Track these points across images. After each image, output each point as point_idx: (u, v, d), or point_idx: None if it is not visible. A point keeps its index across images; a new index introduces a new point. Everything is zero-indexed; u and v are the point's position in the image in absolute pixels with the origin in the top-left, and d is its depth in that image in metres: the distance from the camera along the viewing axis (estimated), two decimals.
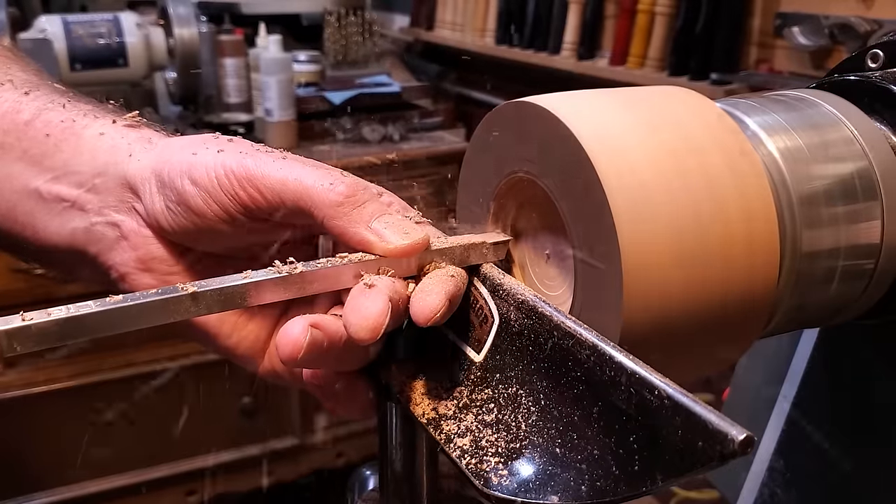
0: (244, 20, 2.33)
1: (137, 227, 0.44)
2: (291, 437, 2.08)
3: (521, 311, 0.38)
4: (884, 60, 0.50)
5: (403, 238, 0.39)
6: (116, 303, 0.35)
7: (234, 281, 0.37)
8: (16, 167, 0.44)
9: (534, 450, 0.35)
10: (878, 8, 1.38)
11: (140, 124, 0.45)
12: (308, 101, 2.14)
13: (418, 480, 0.44)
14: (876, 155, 0.45)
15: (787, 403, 0.57)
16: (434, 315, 0.37)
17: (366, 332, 0.36)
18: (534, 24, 2.08)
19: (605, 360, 0.33)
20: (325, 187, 0.39)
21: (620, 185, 0.36)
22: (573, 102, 0.39)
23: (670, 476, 0.30)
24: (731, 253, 0.38)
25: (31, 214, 0.44)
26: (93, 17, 1.93)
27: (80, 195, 0.44)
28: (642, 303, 0.36)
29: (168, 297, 0.35)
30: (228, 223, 0.41)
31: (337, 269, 0.38)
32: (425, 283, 0.39)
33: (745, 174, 0.39)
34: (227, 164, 0.41)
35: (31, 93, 0.46)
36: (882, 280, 0.45)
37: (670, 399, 0.30)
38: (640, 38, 1.77)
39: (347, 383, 0.43)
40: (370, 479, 0.53)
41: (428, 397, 0.40)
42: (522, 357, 0.37)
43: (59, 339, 0.34)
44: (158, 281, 0.43)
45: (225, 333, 0.45)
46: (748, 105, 0.45)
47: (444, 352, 0.41)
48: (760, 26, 1.59)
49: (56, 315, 0.34)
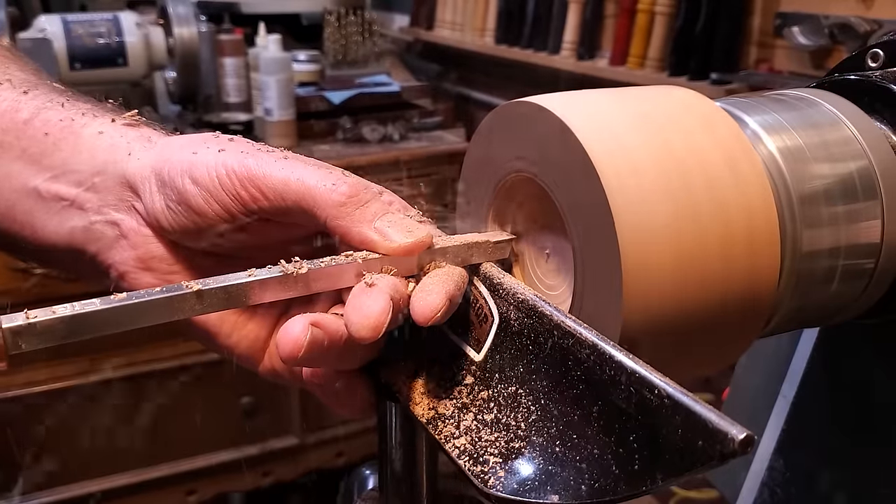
0: (244, 20, 2.33)
1: (137, 225, 0.43)
2: (291, 436, 2.08)
3: (521, 310, 0.38)
4: (884, 60, 0.50)
5: (407, 237, 0.39)
6: (121, 301, 0.35)
7: (239, 279, 0.37)
8: (14, 166, 0.44)
9: (533, 449, 0.35)
10: (878, 8, 1.38)
11: (139, 123, 0.45)
12: (308, 101, 2.14)
13: (418, 480, 0.44)
14: (876, 154, 0.45)
15: (786, 403, 0.57)
16: (434, 314, 0.37)
17: (367, 330, 0.36)
18: (533, 23, 2.08)
19: (604, 359, 0.33)
20: (327, 187, 0.39)
21: (620, 185, 0.36)
22: (573, 102, 0.39)
23: (670, 475, 0.30)
24: (731, 252, 0.38)
25: (30, 213, 0.44)
26: (92, 17, 1.93)
27: (79, 194, 0.44)
28: (642, 302, 0.36)
29: (173, 296, 0.36)
30: (229, 223, 0.41)
31: (340, 267, 0.38)
32: (426, 283, 0.39)
33: (746, 174, 0.39)
34: (228, 163, 0.41)
35: (29, 92, 0.46)
36: (882, 279, 0.45)
37: (670, 398, 0.30)
38: (639, 37, 1.77)
39: (347, 382, 0.43)
40: (370, 479, 0.53)
41: (428, 396, 0.40)
42: (522, 356, 0.37)
43: (65, 337, 0.34)
44: (158, 280, 0.43)
45: (225, 332, 0.44)
46: (748, 104, 0.45)
47: (443, 351, 0.41)
48: (760, 26, 1.59)
49: (61, 313, 0.34)
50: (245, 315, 0.45)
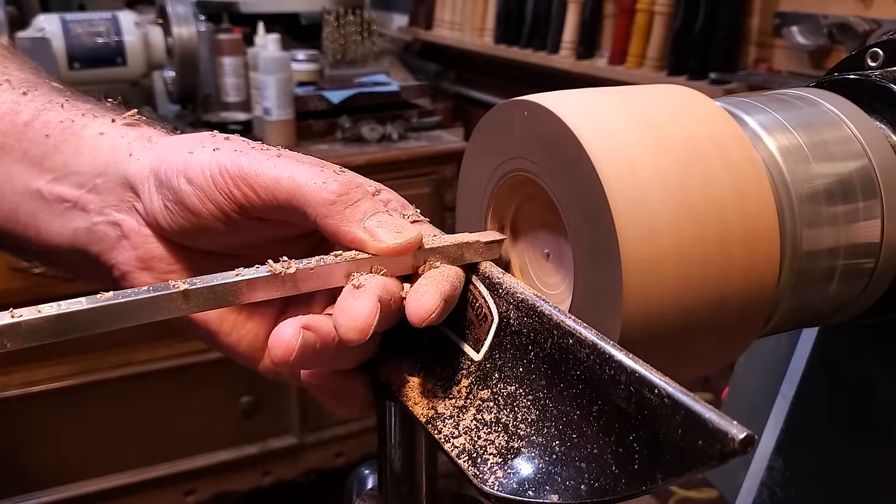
0: (243, 19, 2.33)
1: (137, 226, 0.44)
2: (291, 436, 2.08)
3: (521, 309, 0.38)
4: (883, 59, 0.50)
5: (396, 237, 0.39)
6: (108, 300, 0.35)
7: (226, 279, 0.37)
8: (16, 168, 0.44)
9: (533, 449, 0.35)
10: (877, 7, 1.38)
11: (139, 122, 0.45)
12: (306, 101, 2.14)
13: (417, 479, 0.44)
14: (876, 154, 0.45)
15: (786, 402, 0.57)
16: (429, 316, 0.37)
17: (354, 333, 0.36)
18: (532, 23, 2.08)
19: (604, 358, 0.33)
20: (317, 185, 0.39)
21: (620, 185, 0.36)
22: (573, 101, 0.39)
23: (670, 475, 0.30)
24: (731, 251, 0.38)
25: (34, 215, 0.44)
26: (91, 16, 1.93)
27: (81, 195, 0.44)
28: (642, 302, 0.36)
29: (159, 295, 0.35)
30: (224, 222, 0.41)
31: (329, 267, 0.38)
32: (420, 284, 0.38)
33: (745, 173, 0.39)
34: (221, 162, 0.41)
35: (28, 93, 0.46)
36: (881, 279, 0.45)
37: (670, 397, 0.30)
38: (638, 37, 1.77)
39: (345, 381, 0.43)
40: (369, 479, 0.53)
41: (427, 396, 0.40)
42: (522, 356, 0.37)
43: (51, 336, 0.33)
44: (157, 279, 0.43)
45: (225, 331, 0.45)
46: (748, 104, 0.45)
47: (443, 350, 0.41)
48: (759, 26, 1.59)
49: (47, 312, 0.33)
50: (244, 314, 0.45)
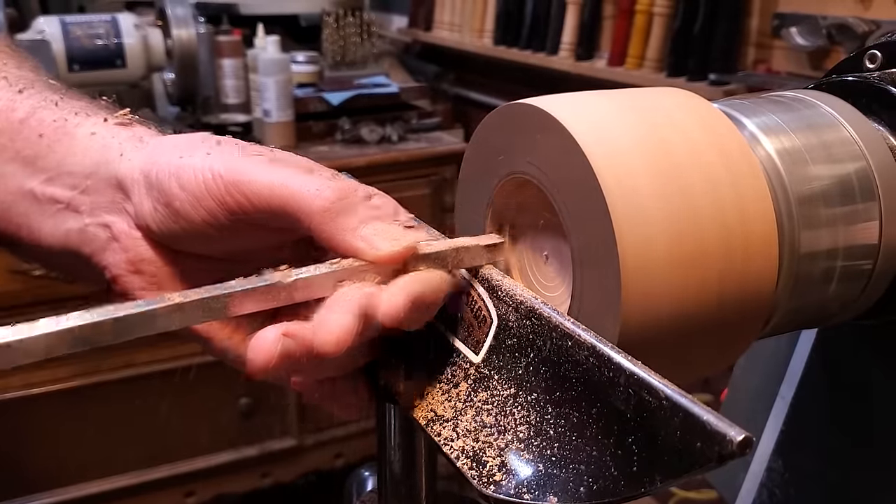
0: (242, 21, 2.32)
1: (127, 228, 0.43)
2: (290, 437, 2.08)
3: (520, 312, 0.38)
4: (882, 61, 0.50)
5: (392, 245, 0.38)
6: (100, 315, 0.34)
7: (217, 291, 0.36)
8: (9, 168, 0.44)
9: (532, 451, 0.35)
10: (876, 8, 1.38)
11: (132, 122, 0.45)
12: (306, 102, 2.14)
13: (417, 481, 0.44)
14: (874, 156, 0.45)
15: (785, 404, 0.57)
16: (397, 314, 0.36)
17: (330, 346, 0.35)
18: (532, 24, 2.08)
19: (603, 360, 0.33)
20: (310, 192, 0.38)
21: (619, 188, 0.36)
22: (572, 104, 0.39)
23: (669, 477, 0.30)
24: (730, 254, 0.38)
25: (26, 216, 0.44)
26: (91, 18, 1.93)
27: (73, 196, 0.43)
28: (640, 304, 0.36)
29: (146, 311, 0.35)
30: (215, 227, 0.40)
31: (324, 276, 0.38)
32: (392, 284, 0.38)
33: (744, 175, 0.39)
34: (214, 167, 0.40)
35: (24, 91, 0.45)
36: (880, 280, 0.45)
37: (669, 400, 0.30)
38: (638, 38, 1.77)
39: (338, 386, 0.43)
40: (369, 480, 0.53)
41: (426, 398, 0.40)
42: (521, 358, 0.37)
43: (45, 355, 0.33)
44: (147, 283, 0.43)
45: (220, 337, 0.44)
46: (746, 106, 0.45)
47: (442, 353, 0.41)
48: (758, 27, 1.59)
49: (39, 331, 0.33)
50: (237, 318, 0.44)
